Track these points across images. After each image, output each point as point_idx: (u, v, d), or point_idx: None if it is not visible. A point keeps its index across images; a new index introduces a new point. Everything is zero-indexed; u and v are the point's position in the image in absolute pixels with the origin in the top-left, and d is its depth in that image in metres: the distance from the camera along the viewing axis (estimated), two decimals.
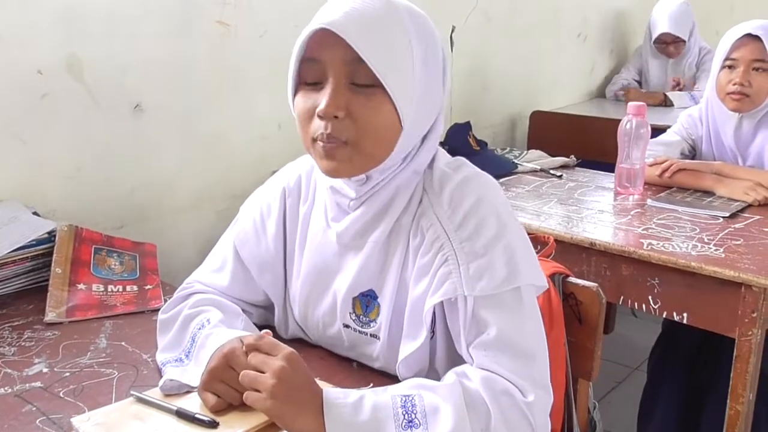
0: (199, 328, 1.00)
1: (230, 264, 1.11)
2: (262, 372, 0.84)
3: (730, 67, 1.99)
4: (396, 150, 0.93)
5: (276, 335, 1.12)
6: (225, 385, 0.90)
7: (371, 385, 0.96)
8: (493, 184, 0.99)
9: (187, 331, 1.02)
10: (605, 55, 3.69)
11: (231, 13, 1.88)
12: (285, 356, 0.85)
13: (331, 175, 0.95)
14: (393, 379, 0.98)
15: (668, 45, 3.38)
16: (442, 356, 0.98)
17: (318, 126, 0.91)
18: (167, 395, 0.94)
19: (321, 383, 0.96)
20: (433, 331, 0.96)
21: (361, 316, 1.01)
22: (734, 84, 1.97)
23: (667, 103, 3.24)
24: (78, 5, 1.58)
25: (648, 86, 3.56)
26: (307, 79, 0.92)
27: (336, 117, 0.89)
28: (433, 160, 1.00)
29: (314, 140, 0.92)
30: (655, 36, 3.39)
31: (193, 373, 0.95)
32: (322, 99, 0.90)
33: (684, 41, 3.34)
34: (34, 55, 1.53)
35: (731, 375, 1.51)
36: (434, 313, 0.94)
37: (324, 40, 0.88)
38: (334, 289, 1.03)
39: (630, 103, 1.99)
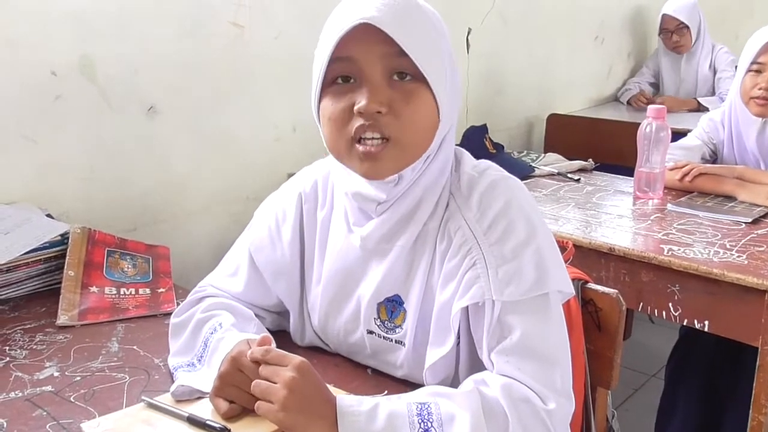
0: (212, 332, 0.99)
1: (244, 269, 1.09)
2: (273, 382, 0.83)
3: (757, 71, 1.96)
4: (432, 144, 0.93)
5: (290, 342, 1.11)
6: (237, 390, 0.88)
7: (386, 392, 0.94)
8: (521, 187, 0.97)
9: (199, 335, 1.01)
10: (623, 57, 3.66)
11: (245, 14, 1.87)
12: (296, 366, 0.83)
13: (371, 177, 0.93)
14: (411, 386, 0.96)
15: (672, 33, 3.35)
16: (465, 362, 0.96)
17: (357, 124, 0.89)
18: (178, 401, 0.93)
19: (335, 390, 0.94)
20: (457, 337, 0.94)
21: (386, 322, 0.99)
22: (760, 88, 1.94)
23: (701, 109, 3.20)
24: (91, 6, 1.57)
25: (663, 88, 3.52)
26: (338, 79, 0.90)
27: (379, 112, 0.87)
28: (459, 163, 0.99)
29: (353, 141, 0.90)
30: (659, 25, 3.38)
31: (205, 378, 0.94)
32: (361, 96, 0.87)
33: (687, 27, 3.30)
34: (47, 57, 1.53)
35: (754, 385, 1.47)
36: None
37: (358, 36, 0.86)
38: (357, 295, 1.01)
39: (650, 106, 1.96)
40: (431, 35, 0.90)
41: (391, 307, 0.98)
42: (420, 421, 0.81)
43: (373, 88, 0.88)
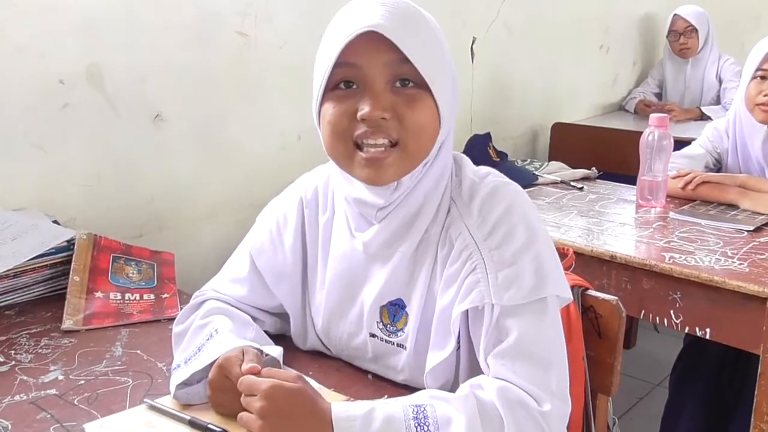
0: (207, 339, 1.00)
1: (246, 273, 1.10)
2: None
3: (762, 77, 1.96)
4: (431, 151, 0.94)
5: (292, 346, 1.12)
6: (228, 394, 0.90)
7: (386, 396, 0.94)
8: (522, 193, 0.98)
9: (195, 342, 1.02)
10: (628, 67, 3.67)
11: (251, 23, 1.89)
12: (263, 394, 0.82)
13: (373, 183, 0.93)
14: (411, 391, 0.96)
15: (680, 35, 3.37)
16: (465, 367, 0.97)
17: (360, 130, 0.89)
18: (183, 406, 0.94)
19: (335, 395, 0.95)
20: (458, 342, 0.95)
21: (388, 325, 1.00)
22: (765, 95, 1.93)
23: (704, 118, 3.21)
24: (99, 15, 1.60)
25: (666, 95, 3.53)
26: (340, 83, 0.91)
27: (383, 119, 0.88)
28: (459, 169, 1.00)
29: (355, 147, 0.91)
30: (668, 27, 3.41)
31: (183, 373, 0.95)
32: (364, 103, 0.88)
33: (696, 30, 3.33)
34: (55, 65, 1.55)
35: (756, 392, 1.47)
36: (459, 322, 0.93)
37: (363, 44, 0.87)
38: (361, 299, 1.02)
39: (652, 115, 1.97)
40: (434, 44, 0.91)
41: (394, 311, 0.99)
42: (416, 424, 0.81)
43: (376, 95, 0.88)
